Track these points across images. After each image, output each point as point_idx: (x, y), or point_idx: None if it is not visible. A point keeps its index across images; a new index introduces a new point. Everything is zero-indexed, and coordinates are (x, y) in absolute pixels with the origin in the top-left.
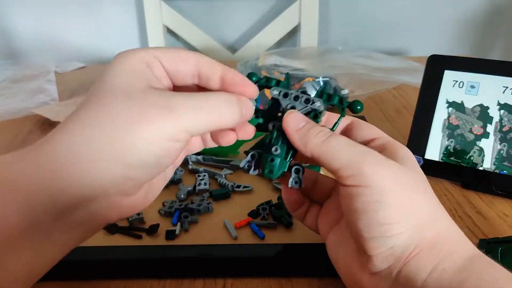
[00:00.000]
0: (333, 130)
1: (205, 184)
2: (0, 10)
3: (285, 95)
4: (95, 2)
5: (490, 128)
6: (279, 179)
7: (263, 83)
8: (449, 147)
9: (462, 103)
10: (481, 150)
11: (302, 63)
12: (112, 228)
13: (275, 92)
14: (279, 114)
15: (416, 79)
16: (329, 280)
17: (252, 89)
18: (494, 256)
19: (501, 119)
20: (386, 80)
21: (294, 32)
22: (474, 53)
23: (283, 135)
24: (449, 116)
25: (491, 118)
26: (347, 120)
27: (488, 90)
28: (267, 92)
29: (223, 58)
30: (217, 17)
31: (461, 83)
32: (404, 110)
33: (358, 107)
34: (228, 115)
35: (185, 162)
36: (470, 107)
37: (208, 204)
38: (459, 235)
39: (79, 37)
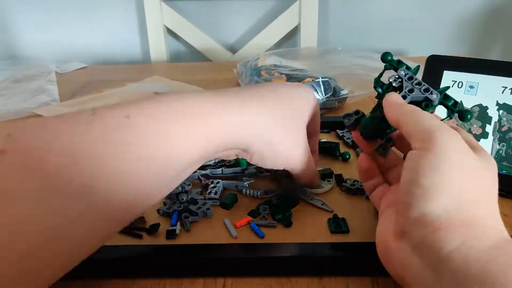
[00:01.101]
0: None
1: (216, 193)
2: (2, 10)
3: (410, 78)
4: (95, 3)
5: (489, 128)
6: (368, 143)
7: (394, 64)
8: None
9: (461, 103)
10: None
11: (302, 63)
12: None
13: (402, 73)
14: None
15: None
16: (329, 279)
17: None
18: None
19: (500, 119)
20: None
21: (294, 33)
22: (473, 53)
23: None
24: None
25: (490, 118)
26: None
27: (487, 90)
28: None
29: (223, 59)
30: (217, 17)
31: (460, 83)
32: None
33: (468, 116)
34: None
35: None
36: (469, 107)
37: (207, 209)
38: (495, 218)
39: (80, 38)
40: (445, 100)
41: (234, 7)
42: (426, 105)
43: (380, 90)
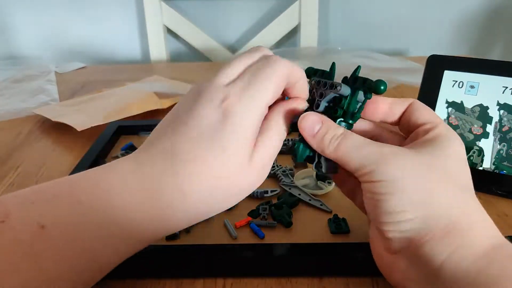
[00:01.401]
0: (358, 114)
1: None
2: (1, 10)
3: (318, 83)
4: (95, 3)
5: (490, 128)
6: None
7: (311, 71)
8: None
9: (461, 103)
10: (480, 150)
11: (302, 63)
12: None
13: (312, 82)
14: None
15: (416, 79)
16: (329, 279)
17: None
18: None
19: (500, 119)
20: (386, 80)
21: (294, 32)
22: (473, 53)
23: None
24: (448, 116)
25: (491, 118)
26: (407, 101)
27: (487, 90)
28: None
29: (223, 58)
30: (217, 17)
31: (461, 83)
32: None
33: (382, 87)
34: None
35: None
36: (470, 107)
37: None
38: (483, 223)
39: (79, 37)
40: (354, 83)
41: (234, 6)
42: (339, 99)
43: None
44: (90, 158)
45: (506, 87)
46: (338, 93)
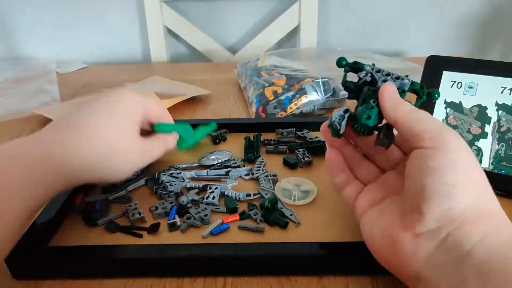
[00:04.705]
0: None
1: (214, 198)
2: (2, 10)
3: (378, 71)
4: (96, 3)
5: (488, 129)
6: (368, 136)
7: (352, 64)
8: None
9: (460, 104)
10: (479, 150)
11: (302, 64)
12: (112, 227)
13: (369, 68)
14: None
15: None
16: (329, 278)
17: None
18: None
19: (499, 120)
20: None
21: (294, 33)
22: (472, 54)
23: (375, 99)
24: (447, 117)
25: (489, 118)
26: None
27: (486, 90)
28: (266, 92)
29: (224, 59)
30: (218, 18)
31: (459, 83)
32: None
33: (436, 95)
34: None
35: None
36: (468, 107)
37: (205, 216)
38: (500, 209)
39: (81, 38)
40: (412, 85)
41: (234, 7)
42: (402, 91)
43: (352, 86)
44: None
45: (505, 88)
46: (403, 84)
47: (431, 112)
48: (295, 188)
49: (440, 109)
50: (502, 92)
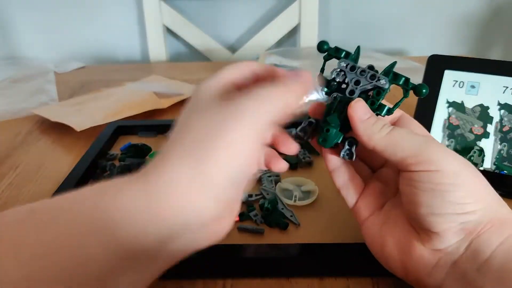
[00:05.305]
0: (394, 110)
1: None
2: (1, 10)
3: (352, 68)
4: (94, 2)
5: (490, 128)
6: (331, 150)
7: (332, 53)
8: (449, 147)
9: (462, 103)
10: (481, 150)
11: (302, 62)
12: None
13: (343, 64)
14: (343, 86)
15: (416, 79)
16: (330, 280)
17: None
18: None
19: (501, 119)
20: None
21: (294, 32)
22: (474, 53)
23: (342, 108)
24: (449, 116)
25: (491, 118)
26: (397, 113)
27: (488, 90)
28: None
29: (223, 58)
30: (217, 17)
31: (461, 83)
32: (404, 110)
33: (424, 91)
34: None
35: None
36: (470, 107)
37: None
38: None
39: (79, 37)
40: (395, 80)
41: (234, 6)
42: (378, 92)
43: (326, 89)
44: (89, 158)
45: (507, 87)
46: (379, 85)
47: (433, 112)
48: (296, 188)
49: (442, 108)
50: (504, 92)
